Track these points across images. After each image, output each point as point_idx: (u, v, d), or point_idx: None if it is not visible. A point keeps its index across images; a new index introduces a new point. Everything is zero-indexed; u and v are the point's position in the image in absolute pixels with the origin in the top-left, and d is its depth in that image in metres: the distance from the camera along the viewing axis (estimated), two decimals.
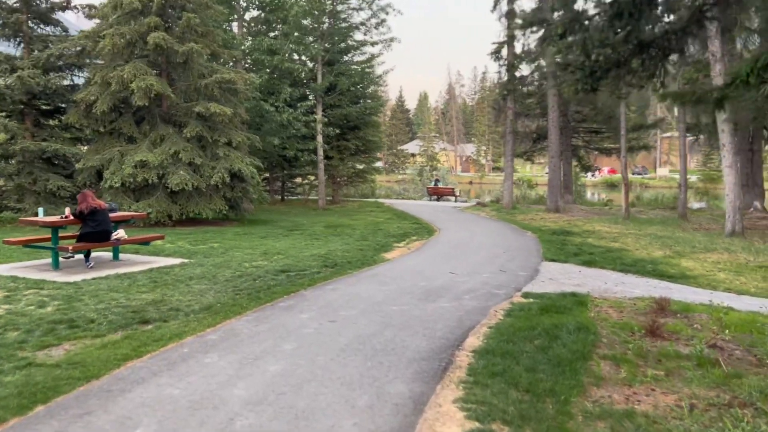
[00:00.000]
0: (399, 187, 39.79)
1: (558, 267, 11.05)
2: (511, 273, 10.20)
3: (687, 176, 20.45)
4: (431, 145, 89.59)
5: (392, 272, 10.01)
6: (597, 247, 13.59)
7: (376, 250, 12.86)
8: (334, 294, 8.18)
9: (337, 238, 15.18)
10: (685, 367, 5.53)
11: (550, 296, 8.26)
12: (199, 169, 17.10)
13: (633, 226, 18.16)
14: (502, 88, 24.82)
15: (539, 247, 13.68)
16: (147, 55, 17.75)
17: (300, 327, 6.49)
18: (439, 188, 32.43)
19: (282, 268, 10.08)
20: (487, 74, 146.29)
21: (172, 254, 11.72)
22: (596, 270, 10.82)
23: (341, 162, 27.69)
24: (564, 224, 18.95)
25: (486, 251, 12.90)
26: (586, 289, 8.97)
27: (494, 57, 24.99)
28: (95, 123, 17.56)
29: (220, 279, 9.16)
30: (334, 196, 29.16)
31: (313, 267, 10.33)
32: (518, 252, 12.86)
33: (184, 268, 10.04)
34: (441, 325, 6.66)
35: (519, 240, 15.07)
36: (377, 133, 29.08)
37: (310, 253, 12.12)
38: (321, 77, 24.85)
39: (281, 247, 13.05)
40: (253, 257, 11.42)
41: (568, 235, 16.01)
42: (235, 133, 17.79)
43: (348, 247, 13.13)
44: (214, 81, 17.36)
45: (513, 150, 25.43)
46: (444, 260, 11.50)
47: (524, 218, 21.42)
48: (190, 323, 6.62)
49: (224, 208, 17.43)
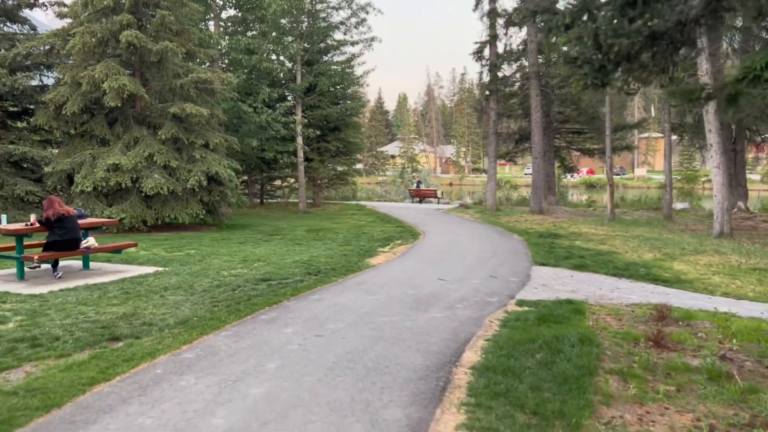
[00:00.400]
0: (380, 189, 39.37)
1: (549, 272, 10.71)
2: (502, 279, 9.83)
3: (670, 177, 20.32)
4: (411, 147, 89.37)
5: (379, 279, 9.57)
6: (586, 250, 13.30)
7: (360, 255, 12.41)
8: (320, 305, 7.72)
9: (320, 242, 14.70)
10: (697, 382, 5.19)
11: (546, 304, 7.89)
12: (175, 173, 16.50)
13: (619, 227, 17.96)
14: (485, 89, 24.54)
15: (528, 251, 13.35)
16: (120, 54, 17.09)
17: (284, 343, 6.02)
18: (421, 190, 32.05)
19: (263, 277, 9.59)
20: (466, 75, 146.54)
21: (147, 262, 11.15)
22: (589, 274, 10.50)
23: (322, 164, 27.17)
24: (549, 226, 18.69)
25: (474, 256, 12.53)
26: (581, 295, 8.64)
27: (476, 57, 24.72)
28: (65, 125, 16.86)
29: (197, 289, 8.64)
30: (315, 199, 28.63)
31: (295, 275, 9.85)
32: (507, 256, 12.51)
33: (159, 278, 9.49)
34: (435, 338, 6.24)
35: (506, 243, 14.73)
36: (358, 135, 28.60)
37: (292, 259, 11.63)
38: (300, 77, 24.33)
39: (261, 253, 12.54)
40: (232, 265, 10.90)
41: (555, 237, 15.72)
42: (212, 135, 17.21)
43: (331, 253, 12.66)
44: (190, 81, 16.77)
45: (496, 151, 25.16)
46: (432, 266, 11.10)
47: (509, 220, 21.13)
48: (165, 340, 6.12)
49: (201, 212, 16.84)
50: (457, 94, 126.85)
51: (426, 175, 42.85)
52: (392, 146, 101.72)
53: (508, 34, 25.65)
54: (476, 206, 27.67)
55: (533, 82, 23.41)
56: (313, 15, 25.24)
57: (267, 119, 21.40)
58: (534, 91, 23.44)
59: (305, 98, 25.27)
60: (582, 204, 29.68)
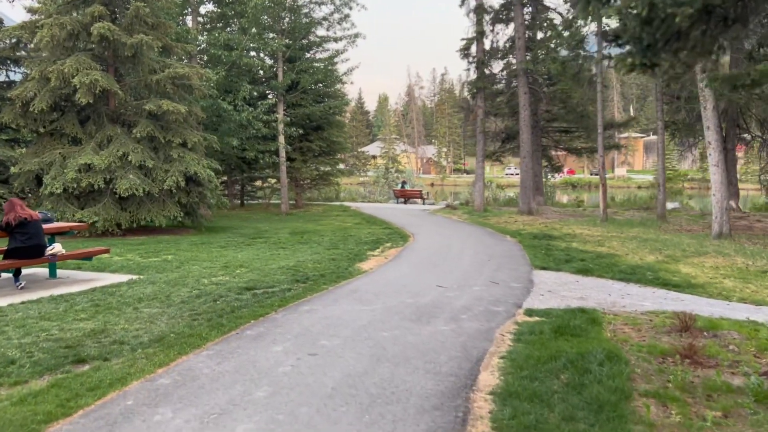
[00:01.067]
0: (364, 189, 38.64)
1: (552, 276, 10.11)
2: (504, 285, 9.19)
3: (663, 176, 19.91)
4: (392, 147, 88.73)
5: (373, 287, 8.87)
6: (585, 253, 12.74)
7: (350, 259, 11.70)
8: (311, 317, 7.00)
9: (305, 246, 13.96)
10: (744, 405, 4.58)
11: (557, 313, 7.27)
12: (151, 173, 15.63)
13: (613, 228, 17.48)
14: (472, 86, 23.97)
15: (524, 254, 12.75)
16: (92, 49, 16.20)
17: (274, 365, 5.30)
18: (406, 191, 31.40)
19: (247, 285, 8.83)
20: (447, 76, 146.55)
21: (120, 269, 10.31)
22: (594, 279, 9.91)
23: (304, 164, 26.38)
24: (541, 227, 18.15)
25: (469, 259, 11.89)
26: (592, 302, 8.04)
27: (463, 54, 24.13)
28: (34, 123, 15.89)
29: (174, 300, 7.86)
30: (297, 200, 27.82)
31: (282, 282, 9.11)
32: (504, 259, 11.89)
33: (133, 287, 8.69)
34: (445, 357, 5.57)
35: (500, 246, 14.13)
36: (341, 134, 27.86)
37: (277, 265, 10.88)
38: (282, 74, 23.52)
39: (244, 258, 11.76)
40: (213, 271, 10.11)
41: (550, 239, 15.16)
42: (190, 133, 16.36)
43: (319, 257, 11.93)
44: (167, 76, 15.92)
45: (484, 150, 24.60)
46: (427, 270, 10.43)
47: (498, 221, 20.57)
48: (137, 362, 5.36)
49: (179, 214, 15.99)
50: (438, 94, 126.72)
51: (410, 175, 42.14)
52: (373, 146, 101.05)
53: (495, 30, 25.16)
54: (463, 207, 27.08)
55: (521, 79, 22.88)
56: (294, 11, 24.45)
57: (248, 117, 20.56)
58: (522, 88, 22.92)
59: (287, 96, 24.47)
60: (570, 204, 29.27)
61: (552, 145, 27.63)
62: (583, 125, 23.56)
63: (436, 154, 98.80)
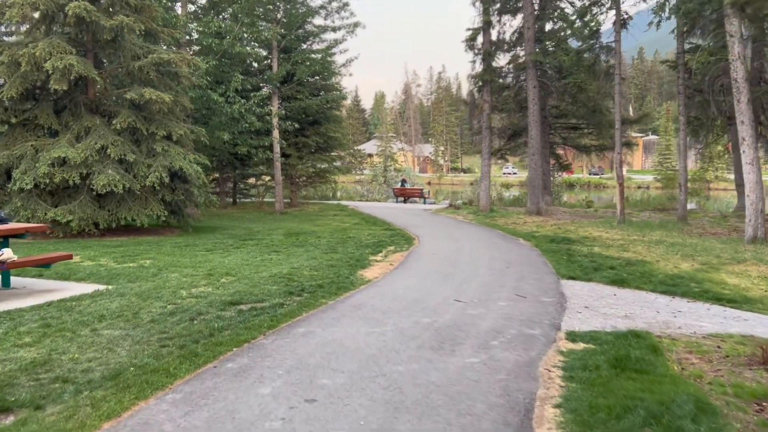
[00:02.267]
0: (361, 188, 37.28)
1: (584, 288, 8.82)
2: (532, 299, 7.90)
3: (686, 175, 18.62)
4: (389, 145, 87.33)
5: (380, 301, 7.57)
6: (612, 259, 11.46)
7: (351, 266, 10.39)
8: (308, 343, 5.70)
9: (301, 249, 12.64)
10: None
11: (606, 338, 6.00)
12: (132, 167, 14.29)
13: (633, 231, 16.22)
14: (478, 79, 22.67)
15: (545, 260, 11.47)
16: (69, 32, 14.81)
17: (260, 417, 4.00)
18: (406, 189, 30.06)
19: (232, 299, 7.51)
20: (444, 74, 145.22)
21: (88, 278, 8.98)
22: (633, 292, 8.62)
23: (300, 160, 25.01)
24: (555, 229, 16.88)
25: (485, 266, 10.59)
26: (640, 322, 6.78)
27: (468, 45, 22.83)
28: (4, 112, 14.50)
29: (143, 318, 6.54)
30: (293, 199, 26.44)
31: (273, 295, 7.79)
32: (524, 267, 10.60)
33: (97, 300, 7.36)
34: (482, 404, 4.27)
35: (516, 250, 12.84)
36: (339, 129, 26.49)
37: (269, 272, 9.56)
38: (277, 65, 22.16)
39: (231, 264, 10.43)
40: (194, 280, 8.79)
41: (569, 243, 13.89)
42: (176, 125, 15.01)
43: (316, 263, 10.61)
44: (150, 62, 14.56)
45: (490, 147, 23.31)
46: (440, 280, 9.13)
47: (506, 222, 19.29)
48: (79, 411, 4.07)
49: (163, 213, 14.64)
50: (435, 92, 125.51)
51: (410, 172, 40.79)
52: (369, 145, 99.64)
53: (502, 21, 23.86)
54: (467, 206, 25.78)
55: (530, 72, 21.60)
56: (290, 0, 23.05)
57: (240, 110, 19.21)
58: (531, 82, 21.64)
59: (282, 89, 23.10)
60: (579, 204, 28.00)
61: (559, 143, 26.37)
62: (595, 121, 22.30)
63: (433, 153, 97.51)
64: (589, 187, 72.26)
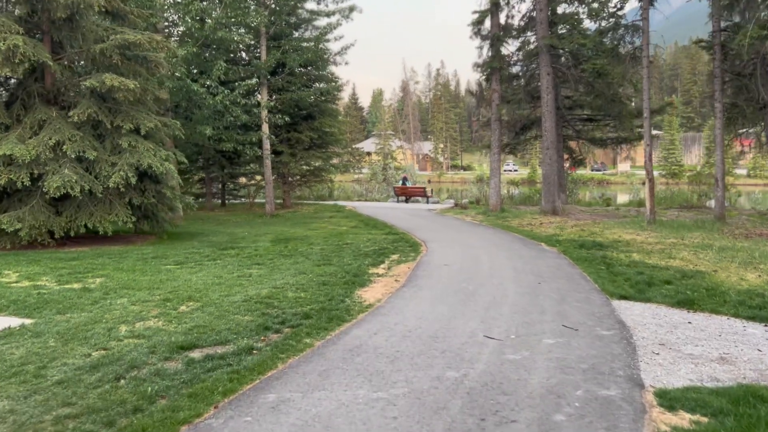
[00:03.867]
0: (360, 187, 35.27)
1: (645, 312, 6.88)
2: (587, 332, 5.96)
3: (723, 169, 16.60)
4: (387, 143, 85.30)
5: (386, 340, 5.63)
6: (660, 269, 9.52)
7: (347, 283, 8.44)
8: (278, 425, 3.75)
9: (289, 261, 10.69)
10: None
11: (717, 403, 4.13)
12: (94, 166, 12.34)
13: (667, 232, 14.27)
14: (486, 67, 20.67)
15: (580, 271, 9.53)
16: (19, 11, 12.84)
17: None
18: (408, 188, 28.05)
19: (185, 339, 5.56)
20: (442, 70, 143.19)
21: (8, 307, 7.01)
22: (709, 317, 6.68)
23: (293, 158, 22.97)
24: (578, 231, 14.93)
25: (512, 281, 8.64)
26: (746, 369, 4.94)
27: (475, 29, 20.85)
28: None
29: (49, 377, 4.60)
30: (285, 199, 24.41)
31: (242, 332, 5.84)
32: (559, 282, 8.65)
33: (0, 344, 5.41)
34: None
35: (543, 259, 10.88)
36: (335, 124, 24.46)
37: (244, 295, 7.60)
38: (266, 53, 20.18)
39: (199, 283, 8.46)
40: (145, 309, 6.83)
41: (600, 248, 11.94)
42: (145, 118, 13.03)
43: (304, 280, 8.66)
44: (114, 45, 12.59)
45: (500, 141, 21.32)
46: (460, 303, 7.18)
47: (521, 223, 17.34)
48: None
49: (130, 218, 12.67)
50: (433, 89, 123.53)
51: (411, 170, 38.77)
52: (368, 143, 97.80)
53: (510, 3, 21.84)
54: (474, 206, 23.83)
55: (544, 57, 19.62)
56: None
57: (223, 102, 17.21)
58: (545, 68, 19.67)
59: (272, 80, 21.11)
60: (595, 202, 26.02)
61: (573, 136, 24.40)
62: (615, 111, 20.32)
63: (433, 150, 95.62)
64: (592, 184, 70.40)
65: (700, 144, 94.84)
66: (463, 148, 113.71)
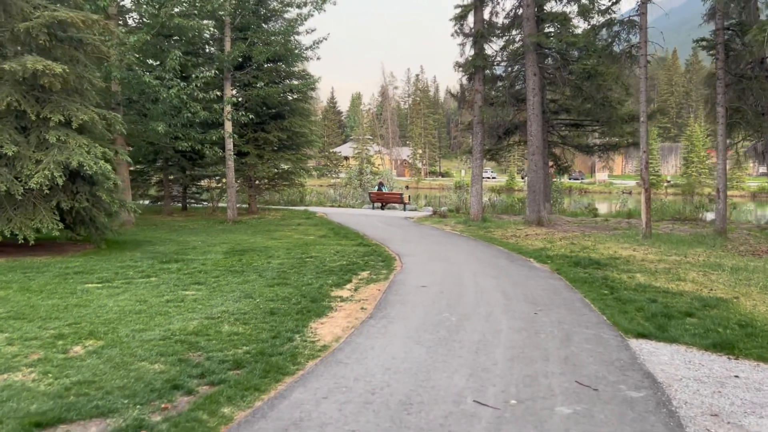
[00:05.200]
0: (334, 192, 33.62)
1: (675, 359, 5.40)
2: (611, 394, 4.43)
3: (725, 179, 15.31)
4: (365, 148, 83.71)
5: (338, 413, 4.02)
6: (673, 295, 8.09)
7: (300, 313, 6.82)
8: None
9: (237, 279, 9.04)
10: None
11: None
12: (14, 164, 10.56)
13: (666, 248, 12.91)
14: (469, 65, 19.23)
15: (581, 296, 8.05)
16: None
17: None
18: (383, 194, 26.46)
19: (49, 410, 3.89)
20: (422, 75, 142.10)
21: None
22: (759, 368, 5.22)
23: (260, 159, 21.23)
24: (568, 245, 13.51)
25: (504, 311, 7.11)
26: None
27: (457, 25, 19.42)
28: None
29: None
30: (251, 204, 22.63)
31: (138, 395, 4.20)
32: (559, 311, 7.14)
33: None
34: None
35: (535, 279, 9.38)
36: (307, 124, 22.79)
37: (163, 330, 5.94)
38: (230, 44, 18.47)
39: (114, 310, 6.77)
40: (22, 353, 5.14)
41: (597, 266, 10.49)
42: (78, 109, 11.27)
43: (249, 307, 7.03)
44: (41, 23, 10.83)
45: (482, 145, 19.86)
46: (441, 344, 5.62)
47: (505, 235, 15.89)
48: None
49: (56, 224, 10.88)
50: (413, 95, 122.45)
51: (388, 175, 37.16)
52: (345, 147, 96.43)
53: (495, 0, 20.47)
54: (454, 214, 22.35)
55: (530, 57, 18.27)
56: None
57: (179, 95, 15.47)
58: (531, 68, 18.31)
59: (237, 74, 19.40)
60: (581, 212, 24.69)
61: (558, 142, 23.09)
62: (604, 116, 19.04)
63: (411, 156, 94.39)
64: (570, 192, 69.62)
65: (677, 154, 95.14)
66: (441, 154, 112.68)
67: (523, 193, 49.89)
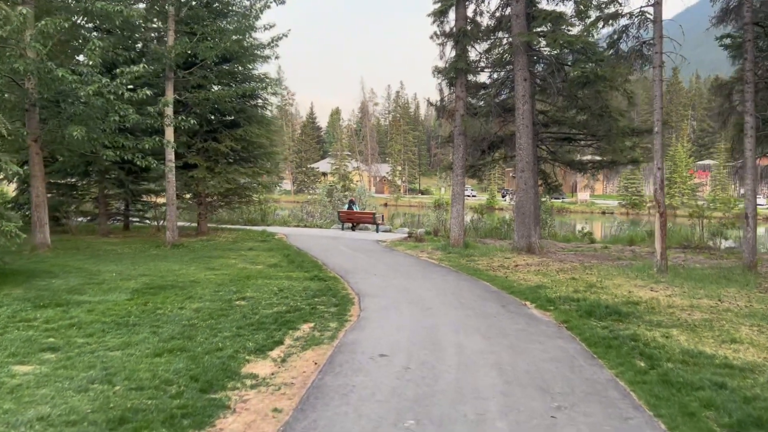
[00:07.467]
0: (302, 211, 30.86)
1: None
2: None
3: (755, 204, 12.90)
4: (343, 164, 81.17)
5: None
6: (743, 373, 5.58)
7: (172, 420, 4.15)
8: None
9: (117, 339, 6.33)
10: None
11: None
12: None
13: (691, 287, 10.44)
14: (450, 69, 16.77)
15: (611, 376, 5.49)
16: None
17: None
18: (354, 213, 23.80)
19: None
20: (402, 91, 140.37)
21: None
22: None
23: (210, 173, 18.47)
24: (569, 281, 10.98)
25: (501, 410, 4.51)
26: None
27: (437, 21, 16.99)
28: None
29: None
30: (201, 224, 19.79)
31: None
32: (588, 411, 4.55)
33: None
34: None
35: (540, 342, 6.79)
36: (267, 133, 20.07)
37: None
38: (173, 38, 15.82)
39: None
40: None
41: (618, 318, 7.94)
42: None
43: (93, 406, 4.33)
44: None
45: (464, 159, 17.37)
46: None
47: (491, 265, 13.35)
48: None
49: None
50: (393, 111, 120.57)
51: (362, 193, 34.53)
52: (323, 163, 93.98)
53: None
54: (432, 238, 19.75)
55: (519, 59, 15.91)
56: None
57: (101, 92, 12.75)
58: (521, 73, 15.94)
59: (182, 74, 16.70)
60: (573, 237, 22.26)
61: (548, 158, 20.78)
62: (602, 129, 16.71)
63: (390, 173, 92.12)
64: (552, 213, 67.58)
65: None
66: (421, 171, 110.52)
67: (505, 212, 47.57)
